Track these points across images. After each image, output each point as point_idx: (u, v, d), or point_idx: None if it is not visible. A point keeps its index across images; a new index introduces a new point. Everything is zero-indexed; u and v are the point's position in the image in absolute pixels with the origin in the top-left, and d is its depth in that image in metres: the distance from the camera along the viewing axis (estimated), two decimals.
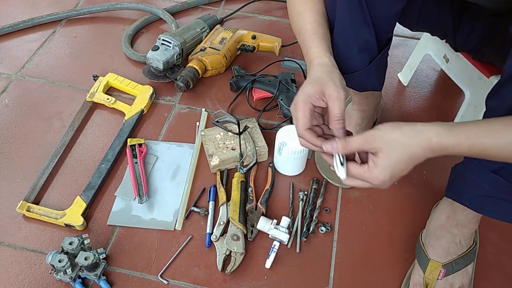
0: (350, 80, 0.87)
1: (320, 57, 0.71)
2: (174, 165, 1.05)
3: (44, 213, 0.95)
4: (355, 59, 0.82)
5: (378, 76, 0.89)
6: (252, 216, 0.96)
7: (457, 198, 0.79)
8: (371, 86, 0.89)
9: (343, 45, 0.81)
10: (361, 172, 0.64)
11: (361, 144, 0.63)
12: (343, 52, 0.82)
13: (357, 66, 0.83)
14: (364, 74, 0.84)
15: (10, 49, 1.33)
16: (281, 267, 0.90)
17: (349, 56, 0.81)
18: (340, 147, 0.64)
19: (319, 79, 0.68)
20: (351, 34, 0.78)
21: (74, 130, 1.11)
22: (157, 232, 0.94)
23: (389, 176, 0.62)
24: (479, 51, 0.90)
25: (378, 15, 0.76)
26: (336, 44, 0.82)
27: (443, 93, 1.23)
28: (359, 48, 0.80)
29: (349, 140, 0.64)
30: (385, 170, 0.62)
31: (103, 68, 1.27)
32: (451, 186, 0.80)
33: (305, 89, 0.67)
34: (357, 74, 0.84)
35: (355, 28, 0.77)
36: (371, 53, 0.82)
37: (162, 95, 1.21)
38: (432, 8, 0.86)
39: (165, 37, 1.19)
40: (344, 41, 0.80)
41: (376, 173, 0.62)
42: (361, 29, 0.77)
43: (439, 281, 0.84)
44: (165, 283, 0.87)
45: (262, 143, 1.04)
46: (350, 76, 0.85)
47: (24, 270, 0.89)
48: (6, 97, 1.20)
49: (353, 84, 0.89)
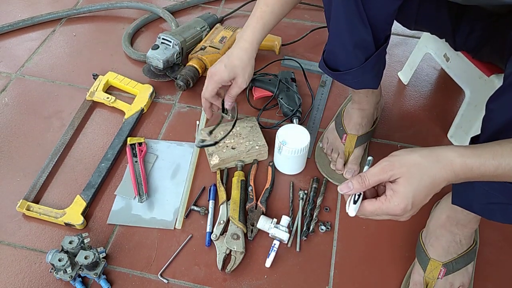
0: (345, 77, 0.87)
1: (247, 41, 0.89)
2: (174, 164, 1.05)
3: (44, 212, 0.95)
4: (350, 56, 0.82)
5: (374, 74, 0.88)
6: (252, 215, 0.96)
7: (467, 206, 0.75)
8: (366, 84, 0.89)
9: (338, 42, 0.81)
10: (378, 206, 0.59)
11: (378, 175, 0.59)
12: (338, 49, 0.82)
13: (352, 64, 0.83)
14: (360, 72, 0.84)
15: (10, 48, 1.33)
16: (281, 266, 0.90)
17: (344, 53, 0.82)
18: (357, 186, 0.59)
19: (235, 67, 0.89)
20: (346, 32, 0.78)
21: (74, 129, 1.11)
22: (157, 231, 0.94)
23: (411, 203, 0.57)
24: (479, 51, 0.90)
25: (374, 13, 0.75)
26: (332, 41, 0.82)
27: (443, 92, 1.23)
28: (354, 46, 0.80)
29: (365, 175, 0.59)
30: (407, 197, 0.57)
31: (103, 67, 1.27)
32: (459, 195, 0.76)
33: (223, 74, 0.89)
34: (352, 71, 0.84)
35: (350, 25, 0.77)
36: (367, 51, 0.82)
37: (162, 94, 1.21)
38: (430, 7, 0.85)
39: (165, 36, 1.19)
40: (339, 38, 0.80)
41: (396, 201, 0.57)
42: (357, 27, 0.77)
43: (439, 280, 0.84)
44: (165, 282, 0.87)
45: (262, 142, 1.04)
46: (345, 73, 0.85)
47: (24, 269, 0.89)
48: (6, 96, 1.20)
49: (348, 81, 0.89)
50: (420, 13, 0.86)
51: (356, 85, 0.90)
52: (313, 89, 1.22)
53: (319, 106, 1.18)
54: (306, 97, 1.20)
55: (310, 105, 1.18)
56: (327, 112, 1.17)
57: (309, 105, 1.18)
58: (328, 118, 1.15)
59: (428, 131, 1.14)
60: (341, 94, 1.21)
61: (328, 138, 1.06)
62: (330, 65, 0.88)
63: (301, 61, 1.25)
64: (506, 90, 0.63)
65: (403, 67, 1.26)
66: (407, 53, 1.28)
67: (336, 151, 1.03)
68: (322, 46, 1.21)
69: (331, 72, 0.88)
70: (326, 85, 1.22)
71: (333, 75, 0.89)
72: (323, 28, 1.37)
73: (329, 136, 1.06)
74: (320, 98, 1.20)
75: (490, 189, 0.68)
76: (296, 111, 1.11)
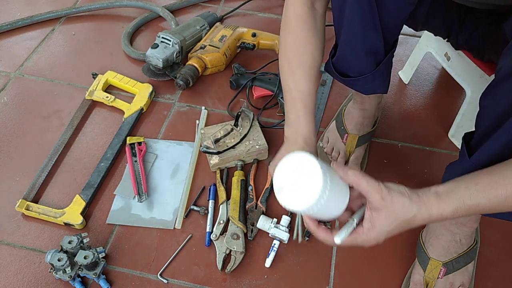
0: (356, 83, 0.86)
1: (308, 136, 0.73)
2: (174, 164, 1.05)
3: (43, 211, 0.95)
4: (362, 63, 0.81)
5: (384, 79, 0.88)
6: (252, 215, 0.95)
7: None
8: (376, 89, 0.88)
9: (350, 50, 0.80)
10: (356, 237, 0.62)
11: (367, 183, 0.60)
12: (350, 56, 0.81)
13: (364, 70, 0.83)
14: (371, 78, 0.84)
15: (9, 47, 1.33)
16: (281, 266, 0.90)
17: (356, 59, 0.81)
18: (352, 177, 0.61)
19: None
20: (359, 40, 0.77)
21: (73, 129, 1.11)
22: (156, 231, 0.94)
23: (383, 238, 0.61)
24: (480, 49, 0.90)
25: (387, 20, 0.75)
26: (343, 48, 0.81)
27: (444, 91, 1.23)
28: (366, 52, 0.79)
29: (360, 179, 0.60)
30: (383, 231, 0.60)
31: (102, 66, 1.27)
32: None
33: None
34: (364, 78, 0.83)
35: (364, 33, 0.76)
36: (378, 57, 0.82)
37: (162, 93, 1.21)
38: (438, 10, 0.85)
39: (165, 35, 1.19)
40: (352, 45, 0.79)
41: (373, 235, 0.61)
42: (370, 35, 0.76)
43: (440, 280, 0.84)
44: (165, 282, 0.87)
45: (262, 142, 1.04)
46: (356, 79, 0.84)
47: (23, 269, 0.88)
48: (5, 95, 1.20)
49: (359, 88, 0.88)
50: (429, 14, 0.85)
51: (366, 90, 0.89)
52: None
53: (320, 105, 1.17)
54: None
55: None
56: (327, 111, 1.17)
57: None
58: (328, 117, 1.15)
59: (429, 130, 1.13)
60: (341, 94, 1.21)
61: (329, 137, 1.06)
62: (339, 70, 0.87)
63: None
64: (497, 85, 0.63)
65: (404, 66, 1.26)
66: (408, 52, 1.28)
67: (336, 151, 1.03)
68: None
69: (340, 77, 0.87)
70: (327, 84, 1.22)
71: (342, 80, 0.87)
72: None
73: (330, 136, 1.06)
74: (321, 97, 1.19)
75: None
76: None
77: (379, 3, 0.72)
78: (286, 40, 0.78)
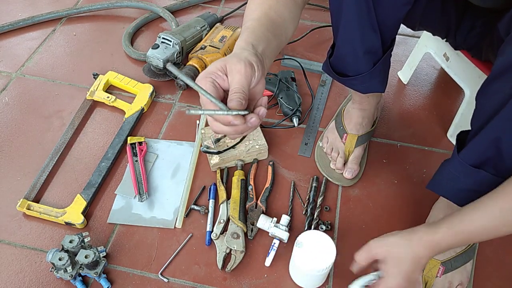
0: (353, 82, 0.87)
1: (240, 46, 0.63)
2: (174, 164, 1.06)
3: (44, 211, 0.95)
4: (360, 62, 0.82)
5: (382, 78, 0.88)
6: (252, 214, 0.96)
7: (435, 189, 0.80)
8: (374, 88, 0.89)
9: (347, 49, 0.80)
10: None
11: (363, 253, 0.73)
12: (347, 54, 0.82)
13: (361, 69, 0.83)
14: (368, 77, 0.84)
15: (10, 47, 1.33)
16: (281, 265, 0.90)
17: (353, 58, 0.81)
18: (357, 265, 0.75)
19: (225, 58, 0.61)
20: (357, 39, 0.78)
21: (74, 129, 1.11)
22: (157, 230, 0.94)
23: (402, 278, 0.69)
24: (478, 48, 0.90)
25: (383, 19, 0.75)
26: (340, 47, 0.81)
27: (443, 92, 1.23)
28: (364, 52, 0.80)
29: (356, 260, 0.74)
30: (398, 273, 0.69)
31: (103, 66, 1.27)
32: (432, 179, 0.81)
33: (208, 68, 0.61)
34: (361, 77, 0.84)
35: (362, 32, 0.77)
36: (375, 56, 0.82)
37: (162, 94, 1.21)
38: (435, 8, 0.85)
39: (165, 35, 1.19)
40: (350, 44, 0.79)
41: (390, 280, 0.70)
42: (368, 34, 0.77)
43: (438, 279, 0.84)
44: (165, 281, 0.87)
45: (262, 141, 1.04)
46: (354, 78, 0.85)
47: (24, 268, 0.89)
48: (6, 96, 1.20)
49: (355, 86, 0.89)
50: (425, 13, 0.86)
51: (363, 89, 0.90)
52: (313, 88, 1.22)
53: (319, 105, 1.18)
54: (306, 96, 1.20)
55: (310, 105, 1.18)
56: (327, 111, 1.17)
57: (309, 104, 1.18)
58: (328, 117, 1.15)
59: (428, 130, 1.14)
60: (341, 94, 1.21)
61: (328, 137, 1.06)
62: (337, 69, 0.87)
63: (301, 60, 1.25)
64: (488, 83, 0.65)
65: (403, 66, 1.26)
66: (407, 53, 1.28)
67: (336, 151, 1.03)
68: (322, 45, 1.21)
69: (338, 77, 0.88)
70: (326, 85, 1.23)
71: (340, 79, 0.88)
72: (323, 28, 1.37)
73: (329, 136, 1.06)
74: (320, 97, 1.20)
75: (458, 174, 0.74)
76: (296, 111, 1.11)
77: (376, 3, 0.72)
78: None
